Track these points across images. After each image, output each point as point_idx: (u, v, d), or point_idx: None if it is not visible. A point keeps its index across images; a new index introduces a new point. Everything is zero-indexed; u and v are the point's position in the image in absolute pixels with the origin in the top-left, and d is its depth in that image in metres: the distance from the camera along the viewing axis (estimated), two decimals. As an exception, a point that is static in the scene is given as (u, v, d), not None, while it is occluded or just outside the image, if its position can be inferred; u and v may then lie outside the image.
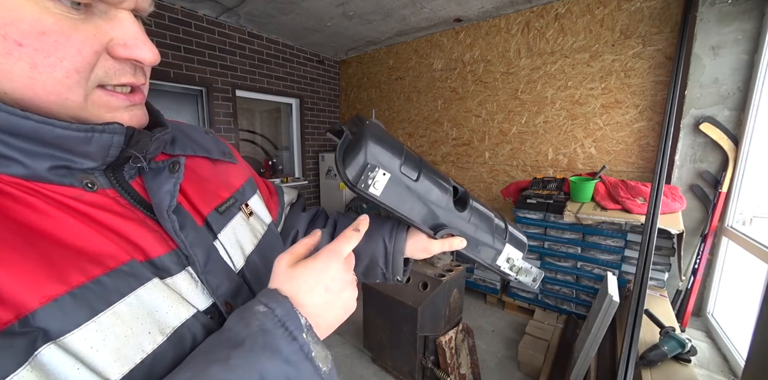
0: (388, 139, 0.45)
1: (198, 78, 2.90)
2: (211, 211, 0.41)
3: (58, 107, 0.27)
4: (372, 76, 3.79)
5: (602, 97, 2.36)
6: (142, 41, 0.29)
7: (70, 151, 0.28)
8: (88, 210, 0.29)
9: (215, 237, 0.39)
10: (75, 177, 0.30)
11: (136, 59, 0.29)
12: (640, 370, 1.22)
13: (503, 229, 0.58)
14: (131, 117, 0.32)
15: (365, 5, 2.59)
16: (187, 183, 0.40)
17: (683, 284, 1.96)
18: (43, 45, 0.25)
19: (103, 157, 0.30)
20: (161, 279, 0.31)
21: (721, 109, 1.91)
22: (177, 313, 0.30)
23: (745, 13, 1.79)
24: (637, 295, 1.29)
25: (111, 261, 0.27)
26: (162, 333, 0.29)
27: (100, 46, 0.27)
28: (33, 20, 0.24)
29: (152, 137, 0.33)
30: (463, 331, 1.75)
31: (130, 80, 0.30)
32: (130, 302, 0.27)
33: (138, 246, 0.31)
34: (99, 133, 0.28)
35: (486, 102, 2.94)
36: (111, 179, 0.33)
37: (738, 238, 1.76)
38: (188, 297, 0.33)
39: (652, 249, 1.45)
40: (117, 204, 0.32)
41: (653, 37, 2.13)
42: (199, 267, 0.34)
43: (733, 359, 1.62)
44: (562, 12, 2.45)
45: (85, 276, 0.26)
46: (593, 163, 2.47)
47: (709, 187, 1.98)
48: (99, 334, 0.25)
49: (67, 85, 0.27)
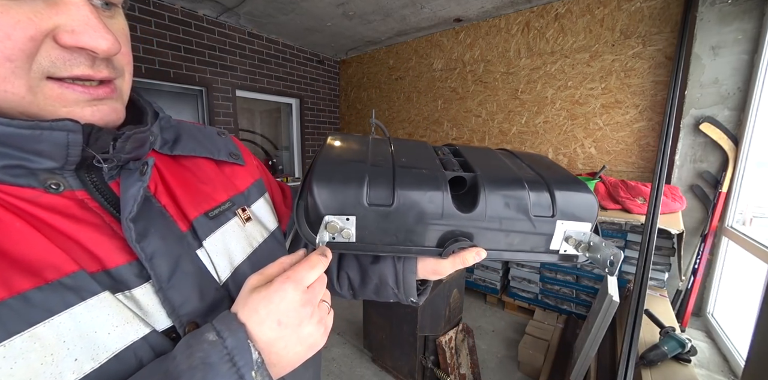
0: (342, 170, 0.40)
1: (198, 78, 2.90)
2: (199, 216, 0.37)
3: (0, 101, 0.24)
4: (372, 76, 3.79)
5: (602, 97, 2.36)
6: (93, 27, 0.25)
7: (21, 149, 0.26)
8: (41, 213, 0.27)
9: (200, 244, 0.36)
10: (36, 177, 0.28)
11: (85, 47, 0.26)
12: (640, 370, 1.22)
13: (548, 199, 0.42)
14: (94, 112, 0.28)
15: (365, 5, 2.59)
16: (180, 183, 0.38)
17: (683, 284, 1.96)
18: None
19: (64, 157, 0.27)
20: (115, 293, 0.27)
21: (721, 109, 1.91)
22: (122, 334, 0.26)
23: (745, 13, 1.79)
24: (637, 295, 1.29)
25: (50, 273, 0.24)
26: (94, 359, 0.24)
27: (37, 32, 0.24)
28: None
29: (115, 136, 0.30)
30: (463, 331, 1.75)
31: (85, 72, 0.27)
32: (59, 322, 0.23)
33: (94, 255, 0.28)
34: (47, 130, 0.25)
35: (486, 102, 2.94)
36: (85, 180, 0.30)
37: (738, 238, 1.76)
38: (147, 314, 0.29)
39: (652, 249, 1.45)
40: (80, 208, 0.29)
41: (653, 37, 2.12)
42: (157, 281, 0.30)
43: (733, 359, 1.62)
44: (562, 12, 2.45)
45: (8, 292, 0.22)
46: (593, 163, 2.47)
47: (709, 187, 1.98)
48: (6, 362, 0.21)
49: (2, 75, 0.24)
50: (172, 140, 0.41)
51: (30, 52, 0.24)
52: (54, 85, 0.26)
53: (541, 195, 0.42)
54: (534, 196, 0.42)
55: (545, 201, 0.42)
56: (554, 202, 0.42)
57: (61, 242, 0.26)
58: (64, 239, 0.27)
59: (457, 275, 1.79)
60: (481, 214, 0.41)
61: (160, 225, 0.33)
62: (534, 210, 0.42)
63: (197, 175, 0.41)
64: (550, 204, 0.42)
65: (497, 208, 0.42)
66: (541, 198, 0.42)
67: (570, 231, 0.43)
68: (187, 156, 0.42)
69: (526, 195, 0.42)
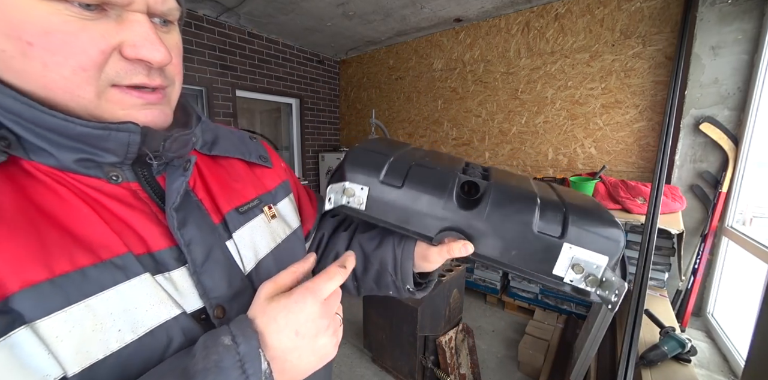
0: (372, 154, 0.47)
1: (198, 78, 2.90)
2: (230, 210, 0.41)
3: (74, 104, 0.29)
4: (372, 76, 3.79)
5: (602, 97, 2.36)
6: (150, 42, 0.29)
7: (93, 146, 0.30)
8: (104, 199, 0.31)
9: (230, 236, 0.40)
10: (101, 169, 0.32)
11: (143, 59, 0.30)
12: (640, 370, 1.22)
13: (560, 219, 0.40)
14: (146, 115, 0.32)
15: (365, 5, 2.59)
16: (216, 181, 0.43)
17: (683, 284, 1.96)
18: (50, 44, 0.26)
19: (124, 153, 0.32)
20: (155, 275, 0.31)
21: (721, 109, 1.91)
22: (157, 313, 0.30)
23: (745, 13, 1.79)
24: (637, 295, 1.29)
25: (104, 253, 0.28)
26: (134, 332, 0.28)
27: (108, 46, 0.28)
28: (41, 20, 0.25)
29: (164, 137, 0.34)
30: (463, 331, 1.75)
31: (142, 81, 0.31)
32: (108, 297, 0.27)
33: (142, 238, 0.32)
34: (115, 131, 0.30)
35: (486, 102, 2.94)
36: (138, 173, 0.35)
37: (738, 238, 1.76)
38: (181, 295, 0.33)
39: (652, 249, 1.44)
40: (134, 197, 0.33)
41: (653, 37, 2.12)
42: (192, 265, 0.34)
43: (733, 359, 1.62)
44: (562, 12, 2.45)
45: (72, 266, 0.26)
46: (593, 163, 2.47)
47: (709, 187, 1.98)
48: (67, 325, 0.25)
49: (76, 83, 0.28)
50: (210, 141, 0.45)
51: (100, 63, 0.28)
52: (116, 91, 0.30)
53: (552, 213, 0.41)
54: (543, 213, 0.41)
55: (555, 219, 0.40)
56: (566, 224, 0.40)
57: (116, 225, 0.31)
58: (119, 222, 0.31)
59: (457, 275, 1.79)
60: (480, 214, 0.42)
61: (197, 216, 0.36)
62: (539, 225, 0.40)
63: (231, 174, 0.45)
64: (561, 224, 0.40)
65: (499, 212, 0.42)
66: (551, 216, 0.40)
67: (580, 259, 0.39)
68: (223, 156, 0.46)
69: (535, 209, 0.41)
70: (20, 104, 0.26)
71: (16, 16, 0.25)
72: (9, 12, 0.25)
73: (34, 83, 0.27)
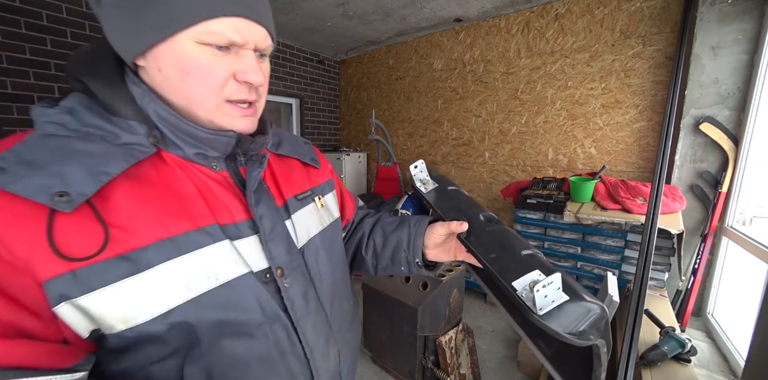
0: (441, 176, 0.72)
1: (198, 78, 2.90)
2: (291, 197, 0.54)
3: (201, 113, 0.42)
4: (372, 76, 3.79)
5: (602, 97, 2.36)
6: (254, 69, 0.41)
7: (206, 145, 0.43)
8: (208, 181, 0.44)
9: (289, 217, 0.52)
10: (208, 161, 0.45)
11: (248, 81, 0.42)
12: (640, 370, 1.22)
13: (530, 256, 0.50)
14: (243, 124, 0.45)
15: (365, 5, 2.59)
16: (281, 173, 0.56)
17: (683, 284, 1.96)
18: (198, 72, 0.39)
19: (223, 151, 0.45)
20: (233, 240, 0.43)
21: (721, 109, 1.91)
22: (231, 270, 0.41)
23: (745, 13, 1.79)
24: (637, 295, 1.29)
25: (201, 222, 0.40)
26: (217, 280, 0.40)
27: (229, 73, 0.41)
28: (195, 57, 0.38)
29: (251, 141, 0.47)
30: (463, 331, 1.75)
31: (245, 97, 0.43)
32: (202, 254, 0.40)
33: (230, 212, 0.44)
34: (220, 136, 0.43)
35: (486, 102, 2.94)
36: (228, 165, 0.48)
37: (738, 238, 1.76)
38: (250, 257, 0.44)
39: (652, 249, 1.45)
40: (225, 182, 0.46)
41: (653, 37, 2.12)
42: (263, 234, 0.46)
43: (733, 359, 1.62)
44: (562, 12, 2.45)
45: (181, 229, 0.39)
46: (593, 163, 2.47)
47: (709, 187, 1.98)
48: (177, 268, 0.38)
49: (207, 98, 0.41)
50: (277, 143, 0.58)
51: (223, 85, 0.41)
52: (228, 105, 0.42)
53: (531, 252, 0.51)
54: (525, 251, 0.51)
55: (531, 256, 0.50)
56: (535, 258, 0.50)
57: (212, 200, 0.43)
58: (214, 198, 0.44)
59: (457, 275, 1.79)
60: (488, 224, 0.58)
61: (266, 198, 0.49)
62: (522, 246, 0.52)
63: (291, 169, 0.58)
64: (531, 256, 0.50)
65: (500, 236, 0.55)
66: (529, 253, 0.51)
67: (541, 280, 0.41)
68: (286, 155, 0.59)
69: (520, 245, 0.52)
70: (169, 114, 0.40)
71: (181, 54, 0.38)
72: (177, 52, 0.38)
73: (181, 98, 0.40)
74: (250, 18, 0.40)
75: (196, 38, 0.37)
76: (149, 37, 0.37)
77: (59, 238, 0.32)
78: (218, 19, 0.37)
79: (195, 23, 0.37)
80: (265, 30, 0.43)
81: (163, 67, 0.38)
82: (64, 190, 0.32)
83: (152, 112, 0.40)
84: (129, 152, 0.38)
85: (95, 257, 0.33)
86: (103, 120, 0.39)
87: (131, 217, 0.36)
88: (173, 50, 0.37)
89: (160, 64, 0.38)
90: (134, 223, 0.36)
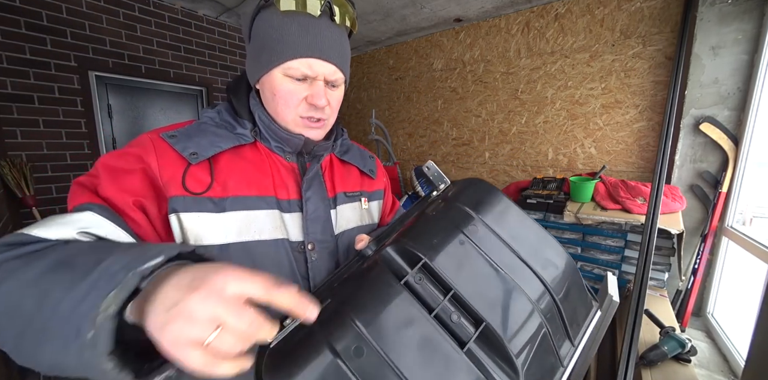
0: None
1: (198, 78, 2.90)
2: (341, 192, 0.67)
3: (282, 123, 0.59)
4: (372, 76, 3.79)
5: (602, 97, 2.36)
6: (320, 95, 0.55)
7: (285, 142, 0.60)
8: (280, 168, 0.60)
9: (335, 207, 0.65)
10: (284, 153, 0.62)
11: (314, 104, 0.56)
12: (640, 370, 1.22)
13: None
14: (311, 133, 0.60)
15: (365, 5, 2.59)
16: (339, 174, 0.69)
17: (683, 284, 1.96)
18: (283, 95, 0.55)
19: (295, 148, 0.61)
20: (283, 212, 0.58)
21: (721, 109, 1.91)
22: (273, 232, 0.55)
23: (745, 13, 1.79)
24: (637, 295, 1.30)
25: (265, 193, 0.56)
26: (260, 235, 0.54)
27: (302, 97, 0.56)
28: (281, 85, 0.55)
29: (315, 145, 0.62)
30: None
31: (312, 115, 0.58)
32: (256, 214, 0.55)
33: (286, 191, 0.59)
34: (294, 138, 0.59)
35: (486, 102, 2.94)
36: (299, 159, 0.63)
37: (738, 238, 1.76)
38: (291, 228, 0.58)
39: (652, 249, 1.45)
40: (292, 170, 0.62)
41: (653, 37, 2.12)
42: (306, 213, 0.59)
43: (733, 359, 1.62)
44: (562, 12, 2.45)
45: (251, 193, 0.55)
46: (593, 163, 2.47)
47: (709, 187, 1.98)
48: (237, 217, 0.53)
49: (286, 113, 0.57)
50: (344, 151, 0.72)
51: (298, 105, 0.56)
52: (300, 119, 0.58)
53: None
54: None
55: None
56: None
57: (278, 181, 0.59)
58: (280, 180, 0.59)
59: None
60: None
61: (318, 187, 0.62)
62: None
63: (349, 173, 0.71)
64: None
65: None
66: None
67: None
68: (348, 162, 0.72)
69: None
70: (266, 118, 0.59)
71: (273, 82, 0.55)
72: (272, 81, 0.55)
73: (272, 110, 0.58)
74: (320, 58, 0.54)
75: (283, 72, 0.54)
76: (261, 70, 0.55)
77: (187, 179, 0.51)
78: (297, 60, 0.53)
79: (282, 62, 0.53)
80: (334, 66, 0.56)
81: (265, 90, 0.57)
82: (195, 151, 0.53)
83: (257, 116, 0.60)
84: (238, 138, 0.58)
85: (199, 195, 0.51)
86: (232, 118, 0.60)
87: (227, 177, 0.54)
88: (270, 79, 0.55)
89: (264, 88, 0.57)
90: (227, 181, 0.54)
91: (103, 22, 2.39)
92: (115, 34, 2.45)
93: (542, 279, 0.46)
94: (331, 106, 0.59)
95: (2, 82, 2.04)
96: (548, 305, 0.46)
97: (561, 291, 0.48)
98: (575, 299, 0.51)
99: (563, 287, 0.49)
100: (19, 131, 2.13)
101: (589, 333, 0.51)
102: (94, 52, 2.36)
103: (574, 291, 0.51)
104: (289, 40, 0.52)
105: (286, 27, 0.52)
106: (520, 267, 0.46)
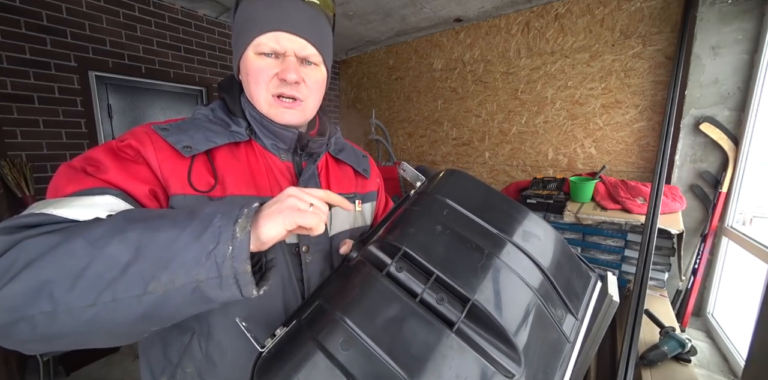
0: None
1: (198, 78, 2.90)
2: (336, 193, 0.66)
3: (258, 105, 0.57)
4: (372, 76, 3.78)
5: (602, 97, 2.36)
6: (290, 70, 0.53)
7: (278, 138, 0.59)
8: (274, 168, 0.59)
9: (329, 209, 0.61)
10: (279, 152, 0.61)
11: (284, 78, 0.54)
12: (640, 370, 1.22)
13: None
14: (290, 115, 0.58)
15: (365, 5, 2.59)
16: (334, 174, 0.68)
17: (683, 284, 1.96)
18: (254, 73, 0.54)
19: (289, 143, 0.60)
20: None
21: (721, 109, 1.91)
22: None
23: (746, 13, 1.79)
24: (637, 295, 1.30)
25: (262, 192, 0.56)
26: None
27: (272, 72, 0.54)
28: (253, 63, 0.54)
29: (309, 140, 0.61)
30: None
31: (283, 91, 0.55)
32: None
33: (281, 189, 0.52)
34: (286, 131, 0.58)
35: (486, 102, 2.94)
36: (293, 158, 0.62)
37: (738, 238, 1.76)
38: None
39: (652, 249, 1.45)
40: (287, 170, 0.61)
41: (653, 37, 2.12)
42: None
43: (733, 359, 1.62)
44: (562, 12, 2.45)
45: (248, 193, 0.54)
46: (593, 163, 2.46)
47: (709, 187, 1.98)
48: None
49: (258, 92, 0.55)
50: (339, 149, 0.71)
51: (268, 81, 0.54)
52: (274, 99, 0.56)
53: None
54: None
55: None
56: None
57: (272, 181, 0.58)
58: (275, 180, 0.58)
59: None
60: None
61: (313, 188, 0.57)
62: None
63: (343, 173, 0.70)
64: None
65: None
66: None
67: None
68: (343, 161, 0.70)
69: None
70: (255, 113, 0.58)
71: (247, 63, 0.54)
72: (246, 62, 0.54)
73: (249, 95, 0.57)
74: (288, 31, 0.53)
75: (254, 50, 0.54)
76: (238, 56, 0.56)
77: (193, 175, 0.51)
78: (264, 35, 0.52)
79: (252, 39, 0.53)
80: (305, 41, 0.54)
81: (243, 75, 0.56)
82: (189, 145, 0.52)
83: (248, 113, 0.59)
84: (232, 135, 0.57)
85: (204, 193, 0.51)
86: (226, 116, 0.59)
87: (224, 175, 0.54)
88: (245, 62, 0.55)
89: (242, 73, 0.56)
90: (225, 179, 0.54)
91: (103, 22, 2.39)
92: (115, 34, 2.44)
93: (524, 251, 0.44)
94: (307, 84, 0.56)
95: (2, 82, 2.04)
96: (536, 277, 0.43)
97: (548, 262, 0.45)
98: (567, 270, 0.48)
99: (549, 257, 0.46)
100: (19, 131, 2.13)
101: (592, 305, 0.49)
102: (94, 52, 2.36)
103: (564, 261, 0.48)
104: (256, 17, 0.53)
105: (254, 7, 0.54)
106: (500, 241, 0.44)
